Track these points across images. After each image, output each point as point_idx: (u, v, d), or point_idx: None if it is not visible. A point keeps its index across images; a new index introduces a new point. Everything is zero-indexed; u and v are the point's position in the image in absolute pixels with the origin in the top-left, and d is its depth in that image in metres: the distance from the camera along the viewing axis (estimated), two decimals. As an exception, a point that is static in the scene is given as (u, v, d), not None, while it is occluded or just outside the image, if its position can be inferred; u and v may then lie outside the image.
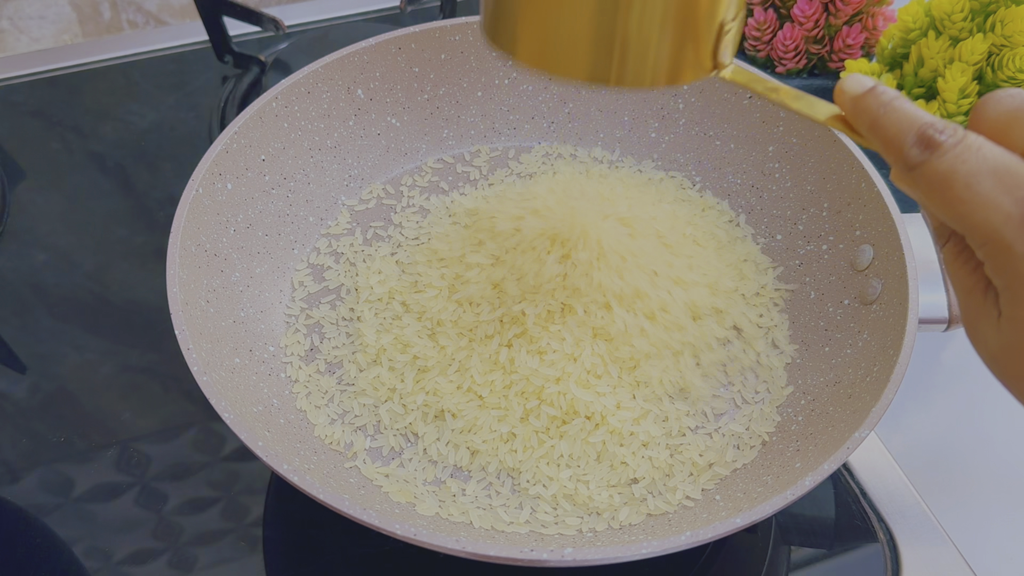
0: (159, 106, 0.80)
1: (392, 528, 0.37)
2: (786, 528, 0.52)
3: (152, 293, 0.64)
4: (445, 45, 0.62)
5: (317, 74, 0.58)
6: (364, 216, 0.61)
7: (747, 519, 0.37)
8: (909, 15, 0.60)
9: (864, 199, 0.52)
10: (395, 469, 0.48)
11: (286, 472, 0.38)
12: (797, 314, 0.55)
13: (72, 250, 0.68)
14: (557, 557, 0.36)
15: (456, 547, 0.36)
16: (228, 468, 0.55)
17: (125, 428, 0.57)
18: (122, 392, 0.59)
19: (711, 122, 0.62)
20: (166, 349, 0.61)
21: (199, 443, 0.56)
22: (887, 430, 0.56)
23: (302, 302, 0.56)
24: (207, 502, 0.53)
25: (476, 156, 0.65)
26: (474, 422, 0.49)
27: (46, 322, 0.63)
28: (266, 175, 0.56)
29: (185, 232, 0.48)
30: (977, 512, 0.53)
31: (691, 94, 0.62)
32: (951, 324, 0.49)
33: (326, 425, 0.50)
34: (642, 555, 0.36)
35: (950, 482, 0.55)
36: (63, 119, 0.79)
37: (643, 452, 0.48)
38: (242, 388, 0.47)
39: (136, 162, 0.75)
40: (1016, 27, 0.53)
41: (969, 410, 0.58)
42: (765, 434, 0.49)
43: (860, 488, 0.53)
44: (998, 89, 0.55)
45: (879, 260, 0.50)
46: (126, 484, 0.54)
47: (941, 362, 0.61)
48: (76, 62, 0.85)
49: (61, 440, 0.56)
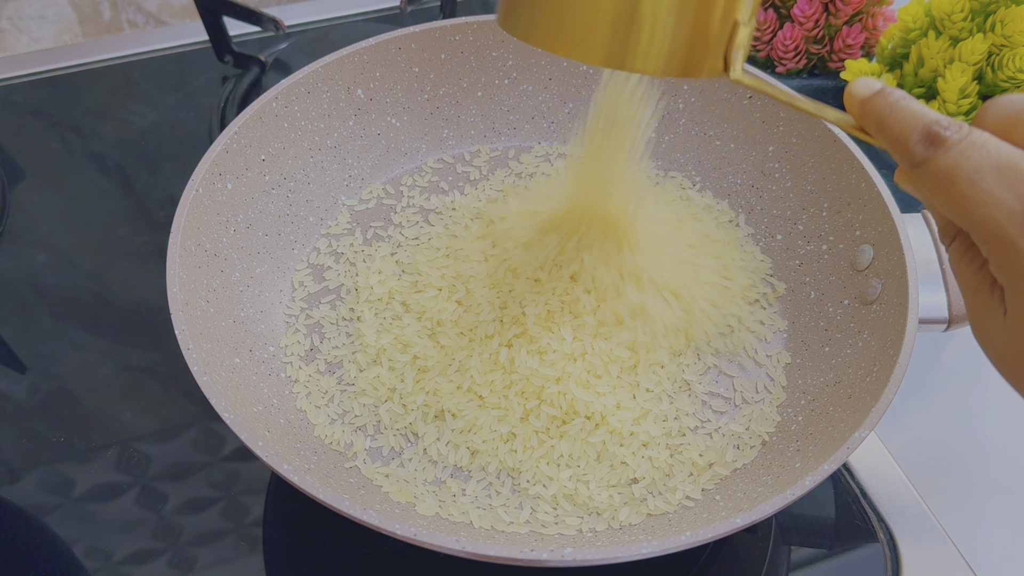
0: (159, 106, 0.81)
1: (392, 528, 0.37)
2: (786, 528, 0.52)
3: (152, 293, 0.65)
4: (445, 45, 0.62)
5: (317, 74, 0.58)
6: (364, 216, 0.61)
7: (747, 519, 0.37)
8: (909, 15, 0.61)
9: (864, 199, 0.52)
10: (395, 469, 0.48)
11: (286, 472, 0.39)
12: (797, 314, 0.55)
13: (72, 250, 0.68)
14: (557, 557, 0.36)
15: (456, 547, 0.36)
16: (228, 468, 0.55)
17: (125, 428, 0.57)
18: (122, 392, 0.59)
19: (711, 122, 0.62)
20: (166, 349, 0.61)
21: (199, 443, 0.56)
22: (887, 430, 0.57)
23: (302, 302, 0.56)
24: (207, 502, 0.53)
25: (476, 156, 0.65)
26: (474, 422, 0.49)
27: (46, 322, 0.63)
28: (266, 175, 0.56)
29: (185, 232, 0.48)
30: (977, 512, 0.53)
31: (691, 94, 0.62)
32: (951, 324, 0.49)
33: (326, 425, 0.50)
34: (642, 555, 0.36)
35: (950, 482, 0.55)
36: (63, 119, 0.79)
37: (643, 452, 0.48)
38: (242, 388, 0.47)
39: (136, 162, 0.75)
40: (1016, 27, 0.53)
41: (969, 410, 0.58)
42: (765, 434, 0.49)
43: (860, 488, 0.53)
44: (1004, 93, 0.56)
45: (879, 260, 0.50)
46: (126, 484, 0.54)
47: (941, 362, 0.61)
48: (76, 62, 0.85)
49: (61, 440, 0.56)
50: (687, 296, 0.52)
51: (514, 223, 0.54)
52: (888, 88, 0.30)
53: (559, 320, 0.50)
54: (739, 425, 0.50)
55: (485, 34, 0.62)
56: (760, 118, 0.59)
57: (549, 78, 0.64)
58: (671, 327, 0.51)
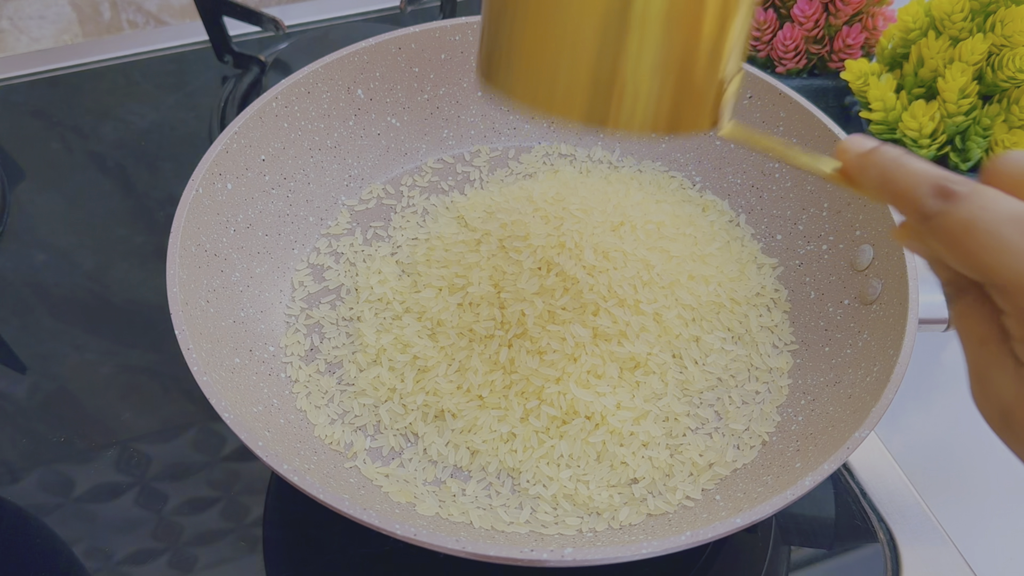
0: (159, 106, 0.81)
1: (392, 528, 0.37)
2: (786, 528, 0.52)
3: (152, 293, 0.65)
4: (445, 45, 0.62)
5: (317, 74, 0.58)
6: (364, 216, 0.61)
7: (747, 519, 0.37)
8: (909, 15, 0.61)
9: (864, 198, 0.52)
10: (395, 469, 0.48)
11: (286, 472, 0.39)
12: (797, 314, 0.55)
13: (72, 250, 0.68)
14: (557, 557, 0.36)
15: (456, 547, 0.37)
16: (228, 468, 0.55)
17: (125, 428, 0.57)
18: (122, 392, 0.59)
19: (711, 122, 0.62)
20: (166, 349, 0.61)
21: (199, 443, 0.56)
22: (887, 430, 0.57)
23: (302, 302, 0.56)
24: (207, 502, 0.53)
25: (476, 156, 0.65)
26: (474, 422, 0.49)
27: (46, 322, 0.63)
28: (266, 175, 0.56)
29: (185, 232, 0.49)
30: (977, 512, 0.53)
31: (691, 94, 0.62)
32: (951, 324, 0.49)
33: (326, 425, 0.50)
34: (642, 555, 0.36)
35: (950, 482, 0.55)
36: (63, 119, 0.80)
37: (643, 452, 0.48)
38: (242, 388, 0.47)
39: (136, 162, 0.75)
40: (1016, 27, 0.53)
41: (969, 410, 0.58)
42: (765, 434, 0.49)
43: (860, 488, 0.53)
44: (1003, 93, 0.55)
45: (879, 260, 0.50)
46: (126, 484, 0.54)
47: (941, 362, 0.61)
48: (76, 62, 0.86)
49: (61, 440, 0.56)
50: (687, 296, 0.52)
51: (514, 224, 0.54)
52: (886, 145, 0.30)
53: (559, 320, 0.50)
54: (739, 425, 0.50)
55: (485, 34, 0.62)
56: (760, 118, 0.59)
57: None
58: (671, 327, 0.51)
